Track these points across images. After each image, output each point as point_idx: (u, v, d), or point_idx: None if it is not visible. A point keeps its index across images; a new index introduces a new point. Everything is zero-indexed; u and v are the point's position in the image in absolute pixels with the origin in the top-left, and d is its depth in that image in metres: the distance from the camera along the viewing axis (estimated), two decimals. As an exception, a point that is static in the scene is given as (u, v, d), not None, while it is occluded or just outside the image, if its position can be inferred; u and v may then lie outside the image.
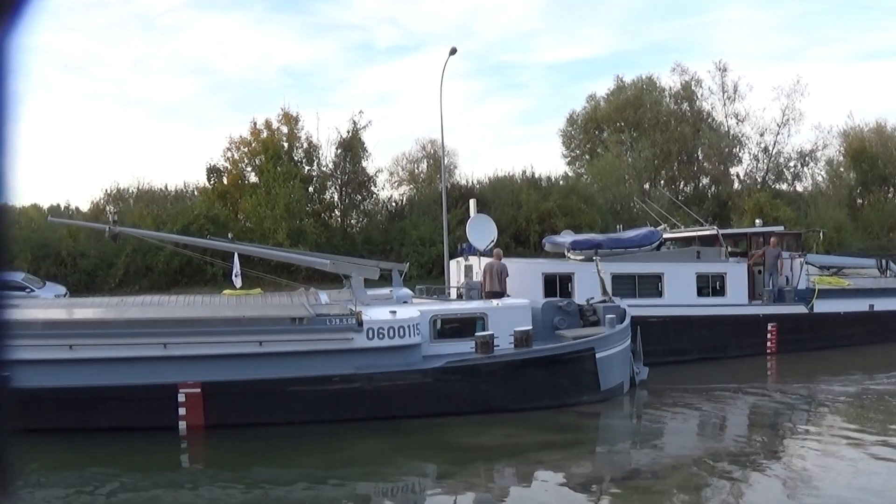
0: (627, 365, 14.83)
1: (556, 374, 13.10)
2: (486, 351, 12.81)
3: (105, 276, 32.80)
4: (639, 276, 18.59)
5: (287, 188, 35.95)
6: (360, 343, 12.25)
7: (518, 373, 12.84)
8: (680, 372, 16.98)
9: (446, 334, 13.47)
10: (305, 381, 12.00)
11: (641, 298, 18.33)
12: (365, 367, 12.22)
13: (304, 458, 10.92)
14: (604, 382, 13.61)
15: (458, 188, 42.16)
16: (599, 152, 49.88)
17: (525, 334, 13.16)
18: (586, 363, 13.33)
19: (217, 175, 39.09)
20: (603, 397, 13.61)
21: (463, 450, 11.19)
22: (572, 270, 18.29)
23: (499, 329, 13.33)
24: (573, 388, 13.27)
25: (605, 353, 13.67)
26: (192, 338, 11.89)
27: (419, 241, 36.79)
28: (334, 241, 37.01)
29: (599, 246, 19.38)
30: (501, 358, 12.90)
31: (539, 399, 12.90)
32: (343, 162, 40.84)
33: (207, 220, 34.23)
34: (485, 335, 12.92)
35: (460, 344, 13.12)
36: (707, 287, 19.24)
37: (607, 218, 40.52)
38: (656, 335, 17.79)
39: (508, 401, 12.69)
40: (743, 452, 11.20)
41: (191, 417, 11.57)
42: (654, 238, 20.12)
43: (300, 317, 12.39)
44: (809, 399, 14.82)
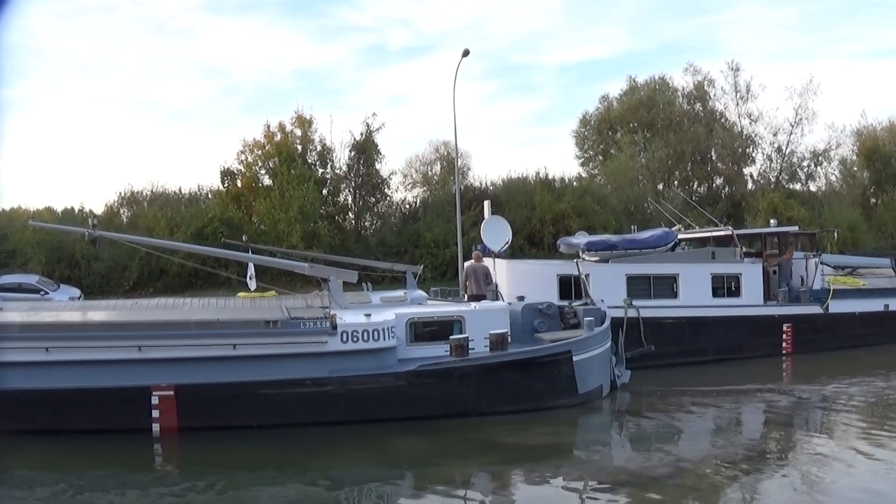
0: (607, 368, 14.78)
1: (532, 377, 13.04)
2: (460, 354, 12.78)
3: (119, 278, 33.00)
4: (654, 277, 18.56)
5: (301, 191, 36.07)
6: (333, 346, 12.29)
7: (492, 376, 12.80)
8: (685, 374, 16.98)
9: (424, 337, 13.45)
10: (278, 384, 11.95)
11: (656, 299, 18.34)
12: (339, 370, 12.26)
13: (272, 462, 11.02)
14: (581, 386, 13.54)
15: (472, 190, 42.31)
16: (613, 153, 49.80)
17: (500, 337, 13.11)
18: (563, 366, 13.30)
19: (231, 178, 39.26)
20: (581, 401, 13.55)
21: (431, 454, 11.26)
22: (587, 272, 18.25)
23: (476, 332, 13.32)
24: (550, 392, 13.21)
25: (583, 355, 13.58)
26: (166, 340, 12.00)
27: (433, 243, 36.85)
28: (348, 244, 37.17)
29: (614, 247, 19.41)
30: (475, 361, 12.82)
31: (514, 402, 12.86)
32: (356, 164, 40.98)
33: (221, 223, 34.38)
34: (459, 338, 12.90)
35: (437, 347, 13.11)
36: (722, 287, 19.21)
37: (621, 219, 40.51)
38: (671, 336, 17.87)
39: (483, 404, 12.67)
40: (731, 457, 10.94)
41: (164, 420, 11.71)
42: (669, 239, 20.09)
43: (274, 320, 12.45)
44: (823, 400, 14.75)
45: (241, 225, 35.37)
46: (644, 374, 16.92)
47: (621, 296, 17.93)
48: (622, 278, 18.23)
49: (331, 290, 13.89)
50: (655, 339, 17.56)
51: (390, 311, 13.32)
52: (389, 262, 19.18)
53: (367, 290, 16.09)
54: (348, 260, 21.47)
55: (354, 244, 37.60)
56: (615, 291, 17.98)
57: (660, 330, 17.72)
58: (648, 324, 17.65)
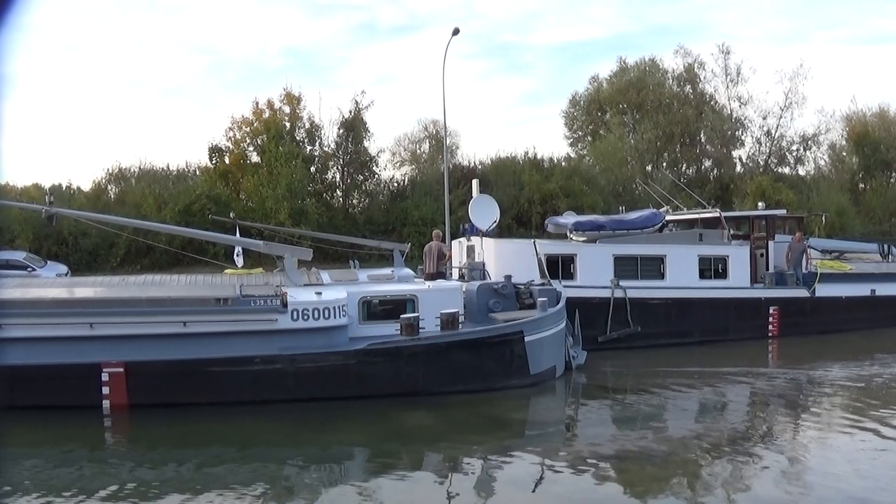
0: (561, 348, 14.79)
1: (483, 357, 13.06)
2: (410, 333, 12.75)
3: (107, 255, 32.76)
4: (641, 258, 18.50)
5: (289, 168, 35.94)
6: (284, 324, 12.28)
7: (442, 356, 12.79)
8: (669, 354, 16.96)
9: (377, 316, 13.47)
10: (227, 361, 12.00)
11: (644, 280, 18.29)
12: (288, 348, 12.25)
13: (221, 437, 11.02)
14: (533, 366, 13.54)
15: (461, 169, 42.21)
16: (602, 134, 49.62)
17: (451, 317, 13.08)
18: (514, 346, 13.29)
19: (219, 155, 39.03)
20: (533, 381, 13.56)
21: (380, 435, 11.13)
22: (575, 251, 18.22)
23: (429, 312, 13.34)
24: (501, 372, 13.22)
25: (536, 336, 13.56)
26: (117, 318, 11.98)
27: (421, 222, 36.78)
28: (336, 221, 37.05)
29: (602, 227, 19.32)
30: (425, 340, 12.81)
31: (465, 382, 12.88)
32: (345, 142, 40.79)
33: (209, 200, 34.18)
34: (409, 317, 12.87)
35: (390, 326, 13.15)
36: (709, 269, 19.17)
37: (609, 200, 40.46)
38: (658, 317, 17.89)
39: (433, 384, 12.69)
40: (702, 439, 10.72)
41: (114, 397, 11.73)
42: (657, 220, 20.02)
43: (225, 297, 12.40)
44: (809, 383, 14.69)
45: (228, 202, 35.22)
46: (629, 354, 17.01)
47: (608, 276, 17.88)
48: (609, 259, 18.17)
49: (285, 267, 13.89)
50: (642, 319, 17.61)
51: (342, 290, 13.29)
52: (377, 241, 19.09)
53: (354, 268, 16.12)
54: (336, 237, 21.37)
55: (342, 222, 37.51)
56: (602, 272, 17.93)
57: (646, 310, 17.74)
58: (635, 304, 17.64)
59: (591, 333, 17.25)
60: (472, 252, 18.99)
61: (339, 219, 37.92)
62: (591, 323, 17.19)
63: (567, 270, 17.98)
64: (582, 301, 16.99)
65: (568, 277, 17.86)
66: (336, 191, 41.42)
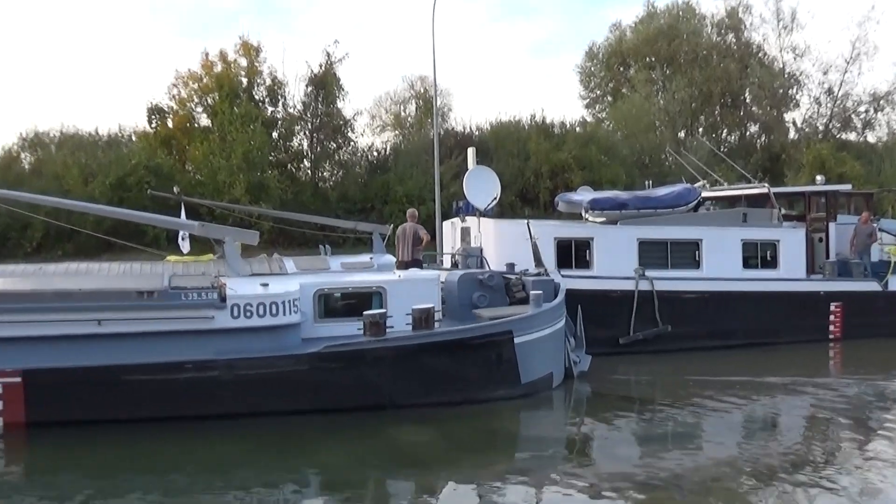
0: (560, 352, 14.78)
1: (464, 362, 13.00)
2: (375, 333, 12.52)
3: (19, 239, 32.58)
4: (671, 243, 18.34)
5: (246, 133, 35.97)
6: (222, 322, 12.12)
7: (414, 360, 12.64)
8: (704, 360, 16.85)
9: (336, 312, 13.50)
10: (151, 368, 11.76)
11: (675, 270, 18.15)
12: (227, 351, 12.08)
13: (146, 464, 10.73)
14: (525, 373, 13.50)
15: (454, 135, 42.43)
16: (625, 93, 49.64)
17: (425, 313, 12.87)
18: (502, 349, 13.20)
19: (160, 117, 39.04)
20: (525, 392, 13.51)
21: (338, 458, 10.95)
22: (591, 235, 18.05)
23: (399, 307, 13.30)
24: (486, 381, 13.17)
25: (528, 337, 13.47)
26: (13, 316, 11.70)
27: (406, 199, 36.80)
28: (303, 198, 37.14)
29: (624, 206, 19.14)
30: (392, 342, 12.67)
31: (441, 393, 12.81)
32: (314, 102, 40.95)
33: (148, 172, 34.14)
34: (374, 314, 12.63)
35: (353, 324, 13.13)
36: (755, 257, 18.99)
37: (633, 172, 40.55)
38: (692, 315, 17.75)
39: (402, 394, 12.63)
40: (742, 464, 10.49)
41: (8, 413, 11.46)
42: (691, 197, 19.86)
43: (148, 290, 12.15)
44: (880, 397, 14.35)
45: (172, 174, 35.26)
46: (656, 359, 16.86)
47: (632, 264, 17.77)
48: (633, 244, 18.05)
49: (226, 254, 13.73)
50: (673, 317, 17.53)
51: (294, 281, 13.21)
52: (353, 221, 19.02)
53: (325, 254, 15.97)
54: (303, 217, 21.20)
55: (310, 198, 37.64)
56: (625, 259, 17.83)
57: (678, 307, 17.65)
58: (664, 299, 17.56)
59: (610, 334, 17.13)
60: (468, 235, 18.87)
61: (306, 195, 38.00)
62: (610, 321, 17.07)
63: (582, 258, 17.88)
64: (600, 295, 16.86)
65: (583, 266, 17.78)
66: (303, 161, 41.58)
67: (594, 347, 16.30)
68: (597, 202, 19.39)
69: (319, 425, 11.97)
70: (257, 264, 14.44)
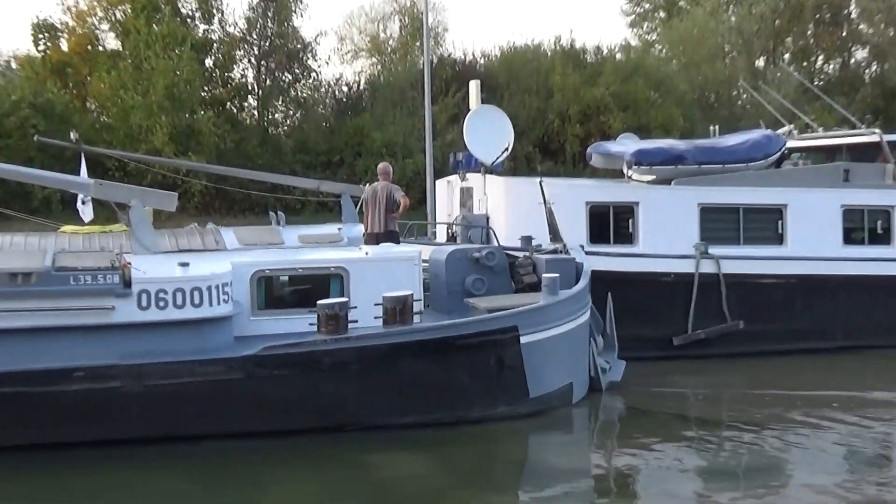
0: (582, 356, 14.74)
1: (453, 369, 12.95)
2: (333, 329, 12.44)
3: None
4: (745, 211, 18.21)
5: (169, 60, 35.97)
6: (125, 315, 12.02)
7: (386, 367, 12.63)
8: (786, 367, 16.81)
9: (283, 302, 13.58)
10: (30, 377, 11.73)
11: (750, 246, 18.08)
12: (134, 354, 11.97)
13: None
14: (535, 385, 13.44)
15: (451, 65, 42.52)
16: (683, 6, 49.60)
17: (400, 304, 12.78)
18: (504, 352, 13.17)
19: (51, 37, 38.82)
20: (534, 409, 13.43)
21: None
22: (636, 199, 17.82)
23: (366, 294, 13.22)
24: (482, 394, 13.12)
25: (538, 335, 13.42)
26: None
27: (386, 150, 36.79)
28: (246, 148, 37.30)
29: (682, 159, 18.96)
30: (356, 341, 12.57)
31: (423, 410, 12.79)
32: (262, 20, 41.04)
33: (34, 111, 33.98)
34: (331, 304, 12.55)
35: (305, 318, 13.06)
36: (860, 229, 18.83)
37: (693, 115, 40.71)
38: (774, 306, 17.75)
39: (369, 412, 12.63)
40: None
41: None
42: (773, 147, 19.63)
43: (24, 272, 12.01)
44: None
45: (67, 114, 35.22)
46: (723, 366, 16.86)
47: (691, 239, 17.73)
48: (693, 211, 17.94)
49: (132, 223, 13.68)
50: (746, 310, 17.41)
51: (226, 260, 13.16)
52: (315, 180, 18.84)
53: (278, 224, 15.81)
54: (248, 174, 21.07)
55: (258, 149, 37.71)
56: (681, 231, 17.77)
57: (754, 295, 17.61)
58: (735, 285, 17.50)
59: (660, 333, 17.15)
60: (469, 198, 18.86)
61: (252, 144, 38.06)
62: (660, 316, 17.10)
63: (623, 230, 17.82)
64: (647, 280, 16.90)
65: (624, 241, 17.71)
66: (247, 99, 41.72)
67: (638, 351, 16.28)
68: (644, 155, 19.18)
69: (270, 451, 11.95)
70: (184, 237, 14.36)
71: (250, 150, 37.12)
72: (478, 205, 18.33)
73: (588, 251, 16.30)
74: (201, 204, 33.97)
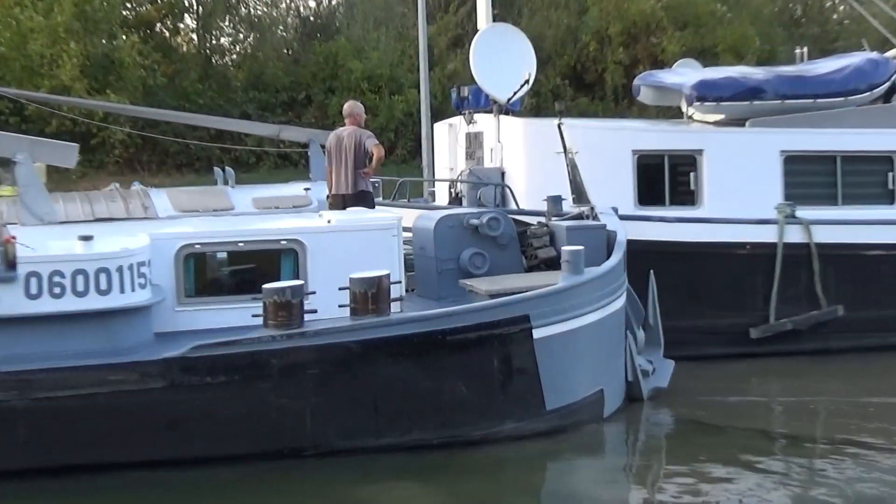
0: (617, 355, 14.70)
1: (443, 375, 12.85)
2: (285, 321, 12.37)
3: None
4: (844, 160, 18.27)
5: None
6: (9, 305, 12.02)
7: (354, 372, 12.56)
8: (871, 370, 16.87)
9: (220, 288, 13.73)
10: None
11: (850, 207, 18.17)
12: (20, 357, 11.92)
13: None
14: (553, 393, 13.37)
15: (452, -31, 43.00)
16: None
17: (372, 287, 12.63)
18: (512, 351, 13.12)
19: None
20: (552, 425, 13.35)
21: None
22: (698, 146, 17.94)
23: (328, 274, 13.18)
24: (483, 408, 13.06)
25: (557, 327, 13.32)
26: None
27: (368, 84, 37.09)
28: (183, 83, 37.41)
29: (759, 93, 19.05)
30: (315, 338, 12.54)
31: (404, 429, 12.73)
32: None
33: None
34: (282, 288, 12.46)
35: (248, 307, 12.92)
36: None
37: (774, 34, 40.86)
38: (884, 286, 17.82)
39: (332, 433, 12.58)
40: None
41: None
42: (880, 76, 19.69)
43: None
44: None
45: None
46: (817, 365, 16.96)
47: (773, 198, 17.74)
48: (775, 161, 18.01)
49: (18, 182, 13.76)
50: (847, 291, 17.44)
51: (141, 231, 13.15)
52: (276, 124, 18.87)
53: (226, 183, 15.88)
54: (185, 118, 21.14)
55: (198, 85, 37.78)
56: (760, 188, 17.84)
57: (857, 272, 17.68)
58: (832, 259, 17.48)
59: (733, 322, 17.18)
60: (478, 147, 18.91)
61: (190, 78, 38.09)
62: (732, 299, 17.14)
63: (681, 187, 17.94)
64: (714, 252, 16.91)
65: (683, 201, 17.86)
66: (184, 18, 41.64)
67: (700, 347, 16.48)
68: (709, 87, 19.29)
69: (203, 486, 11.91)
70: (101, 203, 14.35)
71: (188, 86, 37.19)
72: (490, 155, 18.35)
73: (635, 215, 16.32)
74: (124, 158, 34.10)
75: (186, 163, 33.09)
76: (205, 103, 33.59)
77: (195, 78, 38.14)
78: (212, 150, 19.83)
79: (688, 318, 16.24)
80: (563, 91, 37.82)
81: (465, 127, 19.38)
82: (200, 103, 32.98)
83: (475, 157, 18.84)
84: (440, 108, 23.90)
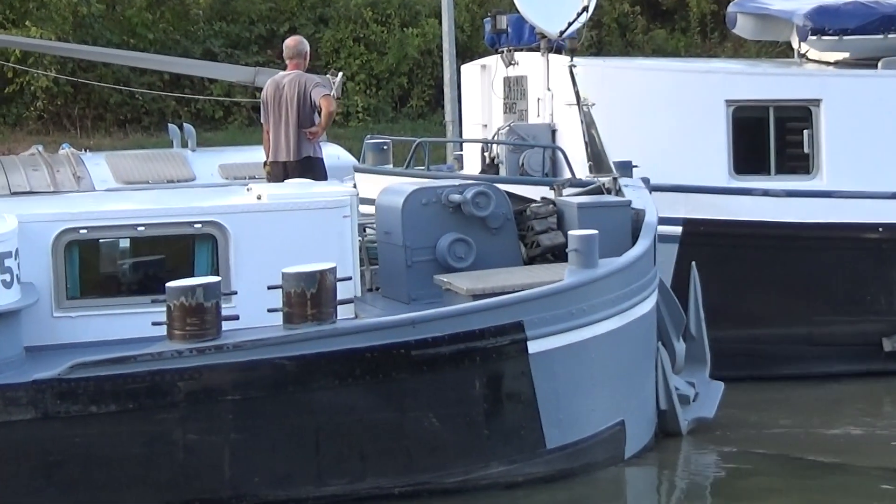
0: (644, 376, 14.75)
1: (409, 402, 12.82)
2: (195, 332, 12.20)
3: None
4: None
5: None
6: None
7: (288, 399, 12.48)
8: None
9: (113, 287, 13.83)
10: None
11: None
12: None
13: None
14: (556, 427, 13.34)
15: None
16: None
17: (312, 285, 12.47)
18: (501, 371, 13.06)
19: None
20: (554, 469, 13.28)
21: None
22: (816, 96, 17.72)
23: (255, 269, 13.12)
24: (462, 445, 12.99)
25: (561, 339, 13.23)
26: None
27: (371, 11, 36.95)
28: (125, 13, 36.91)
29: (893, 22, 18.66)
30: (236, 355, 12.34)
31: (357, 474, 12.64)
32: None
33: None
34: (190, 288, 12.27)
35: (145, 313, 12.78)
36: None
37: None
38: None
39: (260, 479, 12.44)
40: None
41: None
42: None
43: None
44: None
45: None
46: None
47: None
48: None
49: None
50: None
51: (8, 211, 13.13)
52: (249, 67, 18.48)
53: (183, 146, 15.80)
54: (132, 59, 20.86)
55: (146, 14, 37.22)
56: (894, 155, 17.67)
57: None
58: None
59: (855, 330, 16.92)
60: (521, 97, 18.75)
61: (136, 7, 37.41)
62: (851, 299, 16.90)
63: (789, 149, 17.76)
64: (836, 236, 16.68)
65: (794, 169, 17.65)
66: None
67: (809, 363, 16.40)
68: (828, 16, 19.14)
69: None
70: (18, 171, 14.55)
71: (133, 16, 36.80)
72: (536, 107, 18.00)
73: (729, 187, 16.27)
74: (49, 112, 34.19)
75: (132, 118, 32.90)
76: (156, 38, 33.34)
77: (143, 5, 38.04)
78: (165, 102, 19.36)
79: (797, 324, 16.29)
80: (634, 21, 38.00)
81: (504, 70, 19.10)
82: (150, 39, 32.76)
83: (516, 111, 18.61)
84: (468, 45, 23.63)
